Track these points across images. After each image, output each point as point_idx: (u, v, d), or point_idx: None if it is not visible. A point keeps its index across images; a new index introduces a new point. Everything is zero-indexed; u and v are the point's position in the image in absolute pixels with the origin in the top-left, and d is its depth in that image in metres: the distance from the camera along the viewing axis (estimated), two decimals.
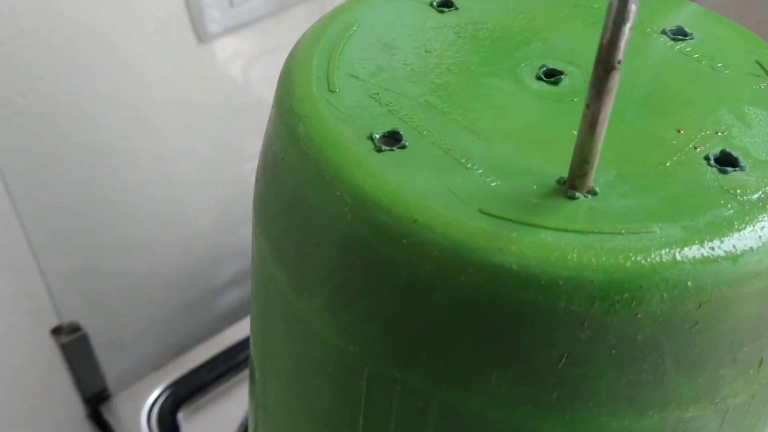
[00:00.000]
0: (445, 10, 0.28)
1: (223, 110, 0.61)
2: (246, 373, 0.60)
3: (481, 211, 0.19)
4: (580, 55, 0.26)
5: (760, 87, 0.24)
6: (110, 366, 0.57)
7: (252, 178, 0.70)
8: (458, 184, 0.20)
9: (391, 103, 0.23)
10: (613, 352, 0.19)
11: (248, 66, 0.61)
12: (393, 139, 0.22)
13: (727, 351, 0.19)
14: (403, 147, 0.21)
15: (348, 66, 0.24)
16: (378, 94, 0.23)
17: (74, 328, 0.51)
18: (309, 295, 0.22)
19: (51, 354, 0.55)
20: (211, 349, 0.60)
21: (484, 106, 0.23)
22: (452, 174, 0.20)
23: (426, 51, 0.25)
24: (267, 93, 0.63)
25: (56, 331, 0.51)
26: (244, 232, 0.70)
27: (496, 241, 0.18)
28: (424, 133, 0.22)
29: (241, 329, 0.62)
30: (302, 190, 0.22)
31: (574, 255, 0.18)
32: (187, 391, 0.57)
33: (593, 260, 0.18)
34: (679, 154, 0.22)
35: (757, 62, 0.25)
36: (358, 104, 0.23)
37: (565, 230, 0.19)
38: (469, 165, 0.21)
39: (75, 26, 0.49)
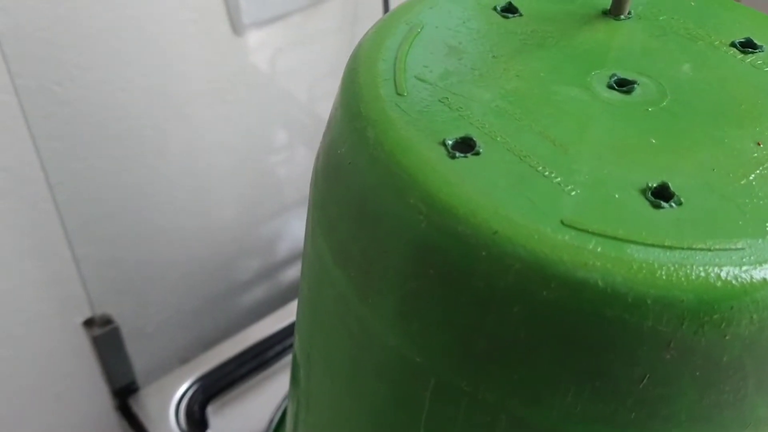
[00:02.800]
0: (510, 16, 0.27)
1: (252, 102, 0.61)
2: (274, 369, 0.60)
3: (563, 223, 0.19)
4: (650, 66, 0.25)
5: None
6: (138, 358, 0.57)
7: (278, 171, 0.70)
8: (538, 193, 0.19)
9: (461, 107, 0.22)
10: (698, 373, 0.18)
11: (279, 59, 0.61)
12: (466, 145, 0.21)
13: None
14: (477, 153, 0.21)
15: (415, 69, 0.24)
16: (447, 98, 0.23)
17: (106, 321, 0.51)
18: (374, 301, 0.22)
19: (81, 344, 0.55)
20: (238, 344, 0.60)
21: (557, 113, 0.23)
22: (530, 182, 0.20)
23: (493, 56, 0.25)
24: (295, 86, 0.63)
25: (88, 323, 0.51)
26: (270, 227, 0.70)
27: (580, 256, 0.18)
28: (498, 139, 0.21)
29: (268, 325, 0.62)
30: (371, 195, 0.21)
31: (663, 273, 0.18)
32: (216, 386, 0.56)
33: (683, 279, 0.17)
34: (761, 168, 0.21)
35: None
36: (428, 108, 0.22)
37: (652, 245, 0.18)
38: (546, 173, 0.20)
39: (111, 14, 0.48)
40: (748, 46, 0.26)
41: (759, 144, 0.22)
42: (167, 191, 0.59)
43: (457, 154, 0.21)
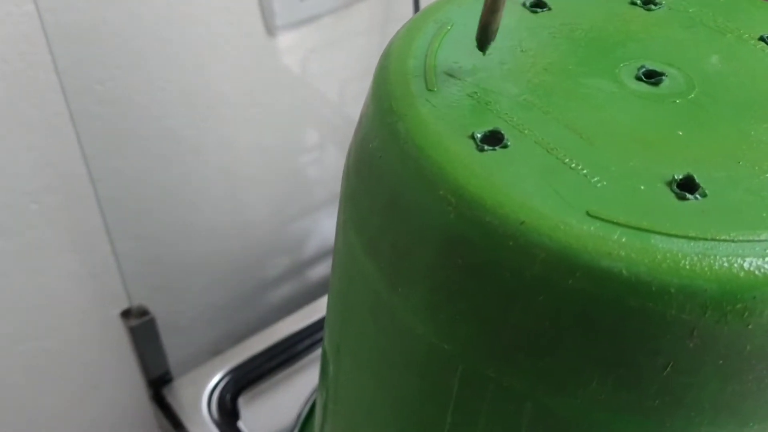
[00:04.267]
0: (539, 10, 0.27)
1: (284, 102, 0.62)
2: (302, 363, 0.61)
3: (589, 214, 0.19)
4: (678, 57, 0.25)
5: None
6: (172, 350, 0.58)
7: (309, 171, 0.71)
8: (564, 185, 0.20)
9: (489, 102, 0.23)
10: (721, 362, 0.19)
11: (312, 60, 0.62)
12: (494, 138, 0.22)
13: None
14: (505, 146, 0.21)
15: (444, 65, 0.24)
16: (476, 92, 0.23)
17: (143, 312, 0.52)
18: (404, 291, 0.23)
19: (118, 336, 0.57)
20: (268, 338, 0.61)
21: (584, 105, 0.23)
22: (557, 174, 0.20)
23: (521, 50, 0.25)
24: (327, 87, 0.64)
25: (125, 314, 0.53)
26: (299, 225, 0.71)
27: (605, 246, 0.18)
28: (526, 132, 0.22)
29: (297, 321, 0.63)
30: (401, 188, 0.22)
31: (687, 263, 0.18)
32: (247, 378, 0.57)
33: (707, 269, 0.18)
34: None
35: None
36: (457, 103, 0.23)
37: (677, 236, 0.18)
38: (573, 165, 0.21)
39: (152, 16, 0.50)
40: None
41: None
42: (203, 189, 0.61)
43: (486, 147, 0.21)
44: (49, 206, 0.50)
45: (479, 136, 0.22)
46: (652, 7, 0.28)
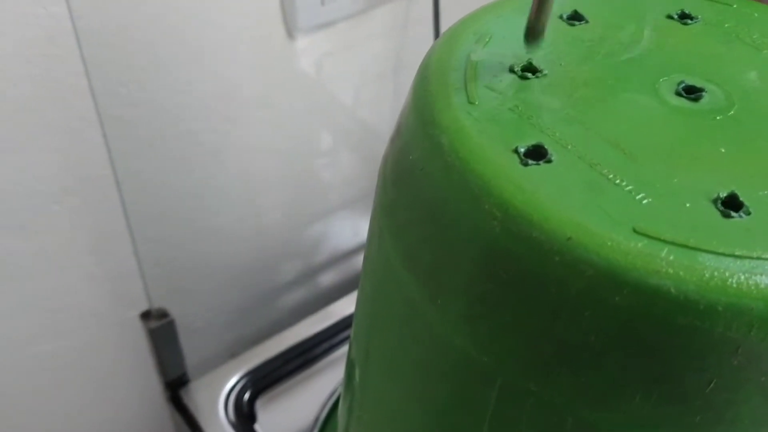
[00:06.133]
0: (576, 23, 0.28)
1: (301, 107, 0.62)
2: (318, 366, 0.61)
3: (636, 231, 0.19)
4: (717, 73, 0.25)
5: None
6: (190, 352, 0.59)
7: (323, 176, 0.71)
8: (609, 200, 0.20)
9: (531, 116, 0.23)
10: (763, 379, 0.19)
11: (328, 64, 0.62)
12: (538, 152, 0.22)
13: None
14: (549, 161, 0.21)
15: (485, 78, 0.25)
16: (517, 106, 0.24)
17: (162, 314, 0.52)
18: (443, 303, 0.23)
19: (137, 337, 0.57)
20: (284, 341, 0.61)
21: (625, 120, 0.23)
22: (602, 190, 0.20)
23: (561, 65, 0.25)
24: (342, 91, 0.64)
25: (145, 316, 0.53)
26: (314, 230, 0.71)
27: (653, 263, 0.18)
28: (569, 147, 0.22)
29: (312, 325, 0.63)
30: (444, 201, 0.22)
31: (734, 281, 0.18)
32: (263, 381, 0.58)
33: (753, 288, 0.18)
34: None
35: None
36: (499, 117, 0.23)
37: (724, 254, 0.19)
38: (617, 181, 0.21)
39: (174, 19, 0.50)
40: None
41: None
42: (221, 193, 0.61)
43: (530, 161, 0.21)
44: (71, 208, 0.51)
45: (522, 150, 0.22)
46: (689, 21, 0.28)
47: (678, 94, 0.24)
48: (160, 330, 0.52)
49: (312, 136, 0.66)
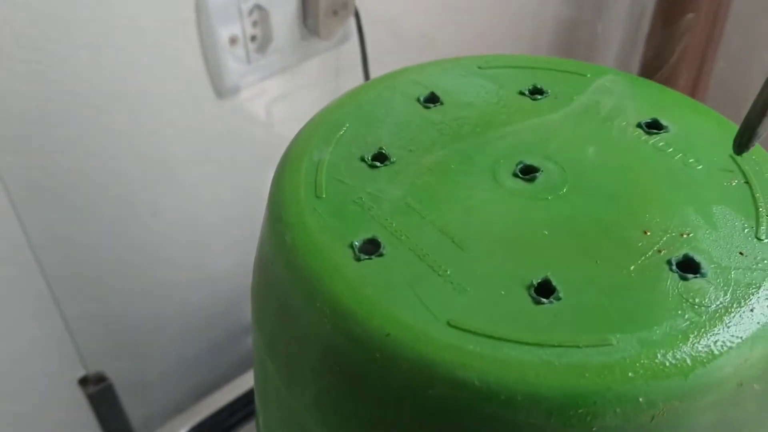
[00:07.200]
0: (431, 105, 0.29)
1: (243, 158, 0.63)
2: None
3: (449, 324, 0.21)
4: (557, 149, 0.27)
5: (731, 184, 0.25)
6: (136, 408, 0.59)
7: None
8: (430, 294, 0.21)
9: (372, 207, 0.25)
10: None
11: (265, 116, 0.64)
12: (372, 246, 0.23)
13: None
14: (381, 255, 0.23)
15: (336, 170, 0.26)
16: (362, 198, 0.25)
17: (100, 378, 0.53)
18: (298, 391, 0.24)
19: (79, 401, 0.58)
20: (230, 392, 0.62)
21: (461, 207, 0.25)
22: (426, 283, 0.22)
23: (409, 150, 0.27)
24: (279, 140, 0.66)
25: (83, 382, 0.54)
26: None
27: (460, 356, 0.20)
28: (402, 238, 0.23)
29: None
30: (288, 297, 0.23)
31: (533, 371, 0.19)
32: None
33: (550, 378, 0.19)
34: (643, 258, 0.23)
35: (730, 156, 0.26)
36: (342, 210, 0.24)
37: (528, 343, 0.20)
38: (441, 272, 0.22)
39: (101, 89, 0.51)
40: (653, 127, 0.28)
41: (646, 232, 0.24)
42: (162, 248, 0.62)
43: (362, 256, 0.23)
44: (2, 277, 0.52)
45: (357, 245, 0.23)
46: (539, 96, 0.30)
47: (515, 175, 0.26)
48: (99, 394, 0.53)
49: (257, 184, 0.67)
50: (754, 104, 0.21)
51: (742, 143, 0.22)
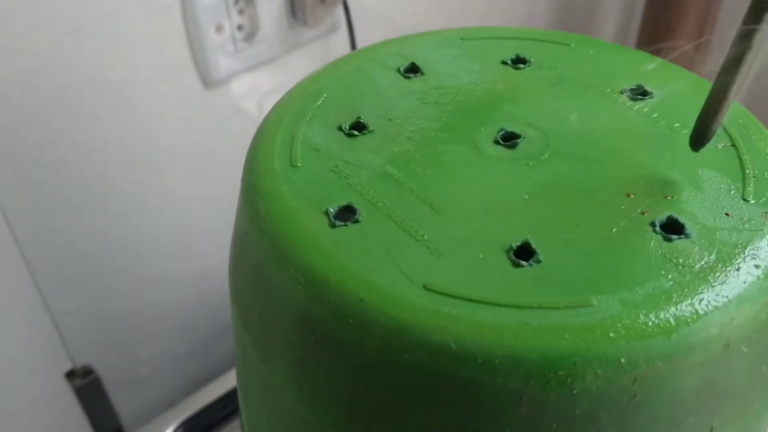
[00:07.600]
0: (412, 76, 0.28)
1: (230, 150, 0.63)
2: None
3: (425, 287, 0.20)
4: (539, 116, 0.26)
5: (717, 147, 0.25)
6: (125, 403, 0.59)
7: None
8: (406, 259, 0.21)
9: (349, 175, 0.24)
10: (554, 425, 0.19)
11: (253, 108, 0.63)
12: (347, 213, 0.22)
13: (670, 422, 0.20)
14: (357, 221, 0.22)
15: (312, 138, 0.25)
16: (338, 166, 0.24)
17: (87, 371, 0.53)
18: (273, 365, 0.23)
19: (66, 395, 0.57)
20: (220, 387, 0.61)
21: (440, 174, 0.24)
22: (402, 248, 0.21)
23: (389, 119, 0.26)
24: None
25: (70, 375, 0.53)
26: None
27: (436, 320, 0.19)
28: (379, 205, 0.23)
29: None
30: (262, 267, 0.23)
31: (510, 333, 0.19)
32: (200, 429, 0.58)
33: (528, 339, 0.19)
34: (626, 220, 0.22)
35: None
36: (318, 178, 0.24)
37: (505, 305, 0.19)
38: (418, 237, 0.22)
39: (85, 79, 0.51)
40: (637, 93, 0.27)
41: (629, 195, 0.23)
42: (151, 242, 0.61)
43: (338, 223, 0.22)
44: None
45: (333, 212, 0.22)
46: (521, 66, 0.29)
47: (496, 142, 0.25)
48: (86, 387, 0.52)
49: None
50: (707, 101, 0.21)
51: (698, 140, 0.22)
